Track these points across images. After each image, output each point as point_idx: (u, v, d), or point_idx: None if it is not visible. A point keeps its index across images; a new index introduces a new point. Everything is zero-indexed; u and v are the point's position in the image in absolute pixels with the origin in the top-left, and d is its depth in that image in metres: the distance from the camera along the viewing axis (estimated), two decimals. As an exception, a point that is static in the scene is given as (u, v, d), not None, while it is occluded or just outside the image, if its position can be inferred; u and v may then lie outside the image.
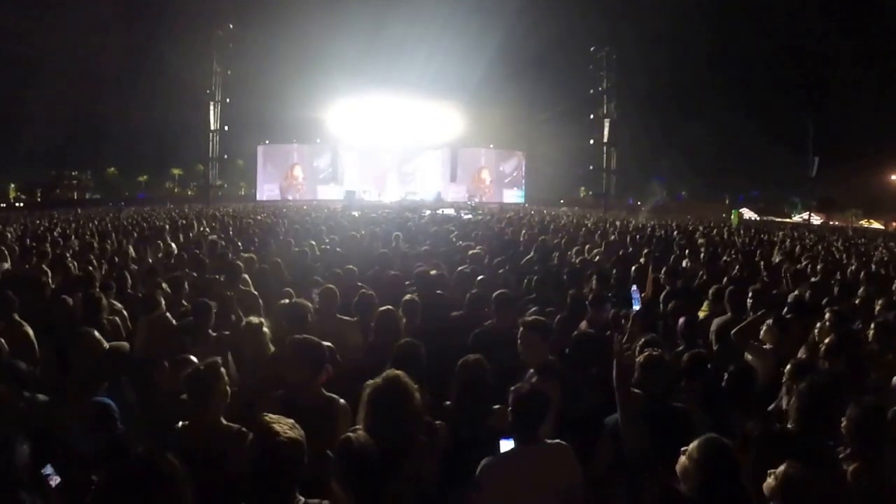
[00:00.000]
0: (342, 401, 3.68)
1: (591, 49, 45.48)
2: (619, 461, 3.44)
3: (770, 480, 2.68)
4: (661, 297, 6.77)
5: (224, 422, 3.47)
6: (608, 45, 45.19)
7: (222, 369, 3.55)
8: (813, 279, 8.47)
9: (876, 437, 3.23)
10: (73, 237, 13.33)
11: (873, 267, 10.92)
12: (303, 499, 2.64)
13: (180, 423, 3.46)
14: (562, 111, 44.62)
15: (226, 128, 42.04)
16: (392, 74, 40.12)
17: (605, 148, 46.01)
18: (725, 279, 8.12)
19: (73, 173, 63.84)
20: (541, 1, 41.00)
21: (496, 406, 3.68)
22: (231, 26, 41.19)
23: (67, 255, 9.22)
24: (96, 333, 4.38)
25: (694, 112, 51.62)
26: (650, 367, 3.82)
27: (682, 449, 2.82)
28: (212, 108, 41.67)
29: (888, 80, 47.57)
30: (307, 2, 42.60)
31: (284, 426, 2.66)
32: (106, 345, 4.38)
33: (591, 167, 47.48)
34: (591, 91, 45.90)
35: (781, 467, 2.69)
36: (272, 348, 4.62)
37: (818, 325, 5.51)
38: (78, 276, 7.26)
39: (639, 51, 46.96)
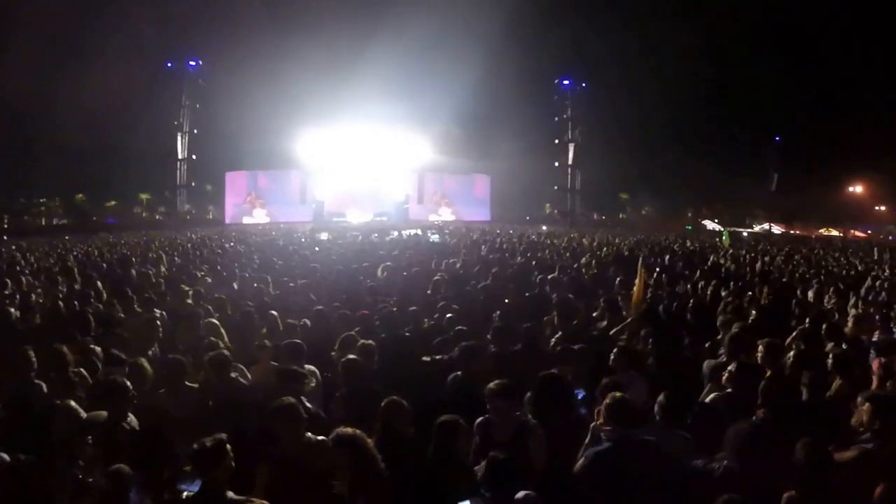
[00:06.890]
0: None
1: (555, 81, 47.55)
2: None
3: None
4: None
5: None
6: (572, 75, 47.13)
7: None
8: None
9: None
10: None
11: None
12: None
13: None
14: (529, 140, 45.96)
15: (193, 157, 42.30)
16: (362, 107, 40.56)
17: (569, 170, 47.60)
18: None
19: (41, 200, 62.63)
20: (506, 35, 41.82)
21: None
22: (201, 62, 41.68)
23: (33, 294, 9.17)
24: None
25: (658, 135, 52.54)
26: (615, 407, 3.88)
27: None
28: (179, 138, 41.96)
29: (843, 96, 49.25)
30: (277, 36, 42.87)
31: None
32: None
33: (555, 187, 48.90)
34: (556, 119, 47.79)
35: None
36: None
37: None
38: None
39: (601, 80, 48.25)
